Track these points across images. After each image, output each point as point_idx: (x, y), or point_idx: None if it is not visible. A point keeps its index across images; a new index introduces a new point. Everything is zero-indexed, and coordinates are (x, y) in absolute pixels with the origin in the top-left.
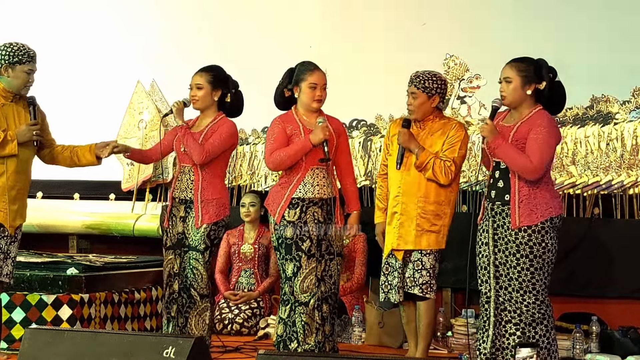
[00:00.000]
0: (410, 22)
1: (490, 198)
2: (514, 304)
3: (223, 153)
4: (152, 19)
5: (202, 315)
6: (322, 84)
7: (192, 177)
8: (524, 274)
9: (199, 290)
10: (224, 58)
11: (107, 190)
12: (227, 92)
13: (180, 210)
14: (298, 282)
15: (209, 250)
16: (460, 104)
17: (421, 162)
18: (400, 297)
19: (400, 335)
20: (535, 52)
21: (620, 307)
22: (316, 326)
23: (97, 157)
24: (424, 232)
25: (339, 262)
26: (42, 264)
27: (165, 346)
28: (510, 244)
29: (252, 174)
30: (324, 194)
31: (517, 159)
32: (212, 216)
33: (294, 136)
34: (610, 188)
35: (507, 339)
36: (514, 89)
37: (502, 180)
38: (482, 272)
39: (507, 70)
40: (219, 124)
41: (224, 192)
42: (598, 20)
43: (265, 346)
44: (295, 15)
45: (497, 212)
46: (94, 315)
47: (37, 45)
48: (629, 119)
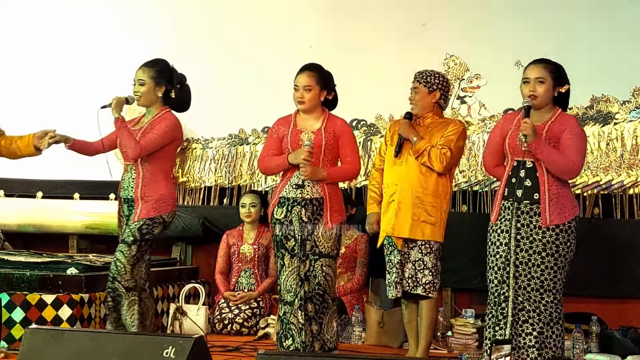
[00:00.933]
0: (410, 22)
1: (516, 197)
2: (533, 303)
3: (164, 149)
4: (152, 19)
5: (131, 309)
6: (302, 86)
7: (134, 175)
8: (547, 273)
9: (123, 283)
10: (224, 58)
11: (107, 190)
12: (171, 88)
13: (125, 210)
14: (282, 280)
15: (137, 245)
16: (460, 104)
17: (418, 148)
18: (398, 293)
19: (400, 335)
20: (536, 52)
21: (620, 307)
22: (299, 326)
23: (37, 148)
24: (419, 221)
25: (328, 263)
26: (42, 264)
27: (165, 346)
28: (535, 242)
29: (252, 174)
30: (307, 194)
31: (561, 159)
32: (149, 211)
33: (284, 137)
34: (610, 188)
35: (524, 338)
36: (547, 90)
37: (529, 179)
38: (499, 272)
39: (539, 70)
40: (160, 118)
41: (167, 190)
42: (598, 20)
43: (265, 346)
44: (295, 15)
45: (524, 211)
46: (94, 315)
47: (38, 45)
48: (629, 119)
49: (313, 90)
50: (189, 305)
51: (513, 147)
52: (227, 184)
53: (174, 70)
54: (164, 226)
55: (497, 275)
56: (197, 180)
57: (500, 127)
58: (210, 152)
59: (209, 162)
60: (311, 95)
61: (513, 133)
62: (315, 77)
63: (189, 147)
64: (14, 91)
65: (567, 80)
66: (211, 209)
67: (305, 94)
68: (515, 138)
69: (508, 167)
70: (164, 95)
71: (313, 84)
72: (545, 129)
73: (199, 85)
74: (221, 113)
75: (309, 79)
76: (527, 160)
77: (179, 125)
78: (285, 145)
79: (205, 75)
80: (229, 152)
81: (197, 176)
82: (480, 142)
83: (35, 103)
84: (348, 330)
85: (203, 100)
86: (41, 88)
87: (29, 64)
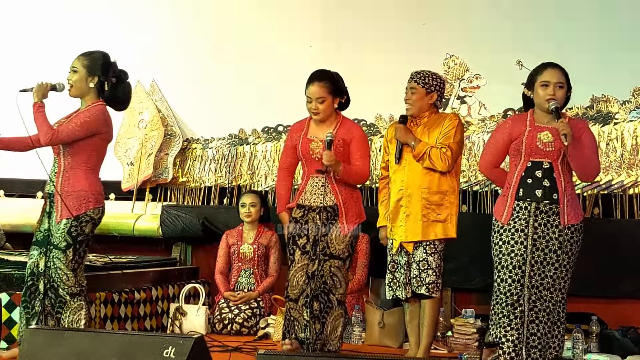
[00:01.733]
0: (410, 22)
1: (535, 197)
2: (543, 302)
3: (87, 141)
4: (152, 19)
5: (77, 315)
6: (315, 97)
7: (56, 169)
8: (560, 271)
9: (67, 290)
10: (224, 58)
11: (107, 190)
12: (104, 80)
13: (47, 205)
14: (290, 275)
15: (72, 248)
16: (460, 104)
17: (418, 152)
18: (408, 294)
19: (400, 335)
20: (536, 52)
21: (620, 307)
22: (304, 323)
23: None
24: (430, 222)
25: (337, 265)
26: None
27: (165, 346)
28: (552, 241)
29: (252, 174)
30: (320, 202)
31: (592, 160)
32: (72, 210)
33: (297, 145)
34: (610, 188)
35: (528, 338)
36: (563, 95)
37: (547, 179)
38: (514, 271)
39: (560, 75)
40: (87, 109)
41: (89, 184)
42: (598, 20)
43: (265, 346)
44: (295, 15)
45: (543, 211)
46: (94, 315)
47: (38, 45)
48: (629, 119)
49: (326, 100)
50: (189, 305)
51: (532, 147)
52: (227, 184)
53: (113, 64)
54: (93, 224)
55: (511, 275)
56: (197, 180)
57: (510, 128)
58: (210, 152)
59: (209, 162)
60: (325, 106)
61: (531, 133)
62: (327, 87)
63: (189, 147)
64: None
65: (570, 87)
66: (211, 209)
67: (319, 106)
68: (533, 138)
69: (520, 168)
70: (99, 88)
71: (326, 95)
72: None
73: (199, 85)
74: (221, 113)
75: (321, 89)
76: (544, 161)
77: (104, 118)
78: (298, 154)
79: (206, 75)
80: (229, 152)
81: (197, 176)
82: (480, 142)
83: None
84: (348, 330)
85: (203, 100)
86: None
87: (28, 65)
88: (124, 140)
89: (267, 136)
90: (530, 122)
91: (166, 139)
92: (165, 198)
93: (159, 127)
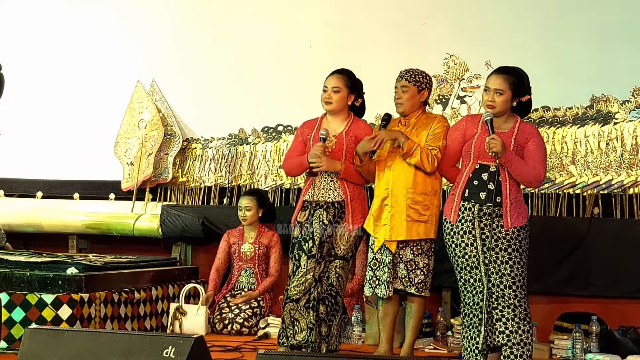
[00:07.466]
0: (410, 22)
1: (478, 199)
2: (507, 300)
3: None
4: (152, 19)
5: None
6: (331, 87)
7: None
8: (516, 268)
9: None
10: (223, 58)
11: (107, 190)
12: None
13: None
14: (295, 279)
15: None
16: (460, 104)
17: (408, 149)
18: (390, 292)
19: (399, 334)
20: (535, 52)
21: (620, 307)
22: (310, 325)
23: None
24: (413, 222)
25: (341, 265)
26: (42, 264)
27: (165, 346)
28: (500, 240)
29: (252, 174)
30: (329, 197)
31: (530, 170)
32: None
33: (307, 141)
34: (610, 188)
35: (497, 336)
36: (505, 101)
37: (491, 182)
38: (472, 272)
39: (498, 81)
40: None
41: None
42: (598, 20)
43: (265, 346)
44: (295, 15)
45: (487, 213)
46: (94, 315)
47: (38, 46)
48: (628, 119)
49: (341, 92)
50: (189, 305)
51: (480, 150)
52: (227, 183)
53: None
54: None
55: (472, 275)
56: (197, 180)
57: (464, 129)
58: (210, 152)
59: (209, 162)
60: (338, 97)
61: (480, 137)
62: (345, 80)
63: (188, 147)
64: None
65: (529, 91)
66: (211, 209)
67: (333, 95)
68: (482, 142)
69: (468, 169)
70: None
71: (342, 86)
72: (512, 141)
73: (199, 86)
74: (221, 113)
75: (338, 81)
76: (492, 165)
77: None
78: (309, 149)
79: (205, 75)
80: (229, 152)
81: (197, 176)
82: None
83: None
84: (348, 330)
85: (203, 100)
86: (42, 87)
87: (28, 67)
88: (124, 140)
89: (267, 136)
90: (482, 125)
91: (166, 138)
92: (165, 198)
93: (159, 127)
